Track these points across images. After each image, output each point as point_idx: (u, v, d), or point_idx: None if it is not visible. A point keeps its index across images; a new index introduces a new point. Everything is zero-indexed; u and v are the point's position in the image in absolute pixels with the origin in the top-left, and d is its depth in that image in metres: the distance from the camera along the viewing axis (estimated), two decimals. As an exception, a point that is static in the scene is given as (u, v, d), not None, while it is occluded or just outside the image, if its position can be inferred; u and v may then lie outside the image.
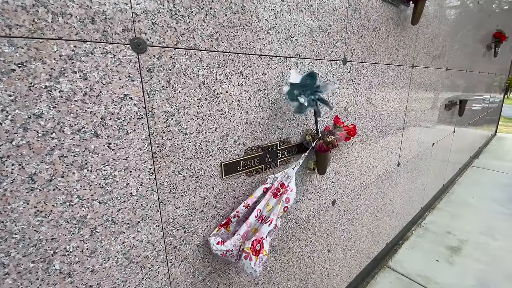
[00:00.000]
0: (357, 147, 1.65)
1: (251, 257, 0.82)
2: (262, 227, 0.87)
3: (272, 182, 1.00)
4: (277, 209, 0.91)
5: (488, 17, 3.68)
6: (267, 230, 0.87)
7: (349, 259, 1.90)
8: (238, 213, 0.93)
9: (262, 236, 0.85)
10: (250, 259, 0.82)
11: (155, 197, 0.79)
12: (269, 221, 0.88)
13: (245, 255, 0.84)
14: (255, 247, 0.83)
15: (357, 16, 1.35)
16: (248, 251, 0.83)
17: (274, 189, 0.97)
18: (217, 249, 0.85)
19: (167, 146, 0.78)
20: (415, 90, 2.18)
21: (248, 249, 0.83)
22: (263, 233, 0.86)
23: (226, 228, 0.92)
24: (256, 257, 0.82)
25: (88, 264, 0.71)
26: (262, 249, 0.84)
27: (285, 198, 0.94)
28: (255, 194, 0.97)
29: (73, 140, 0.62)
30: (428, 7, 1.99)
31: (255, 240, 0.84)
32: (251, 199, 0.95)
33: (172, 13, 0.72)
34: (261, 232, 0.86)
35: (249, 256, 0.83)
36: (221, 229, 0.92)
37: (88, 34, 0.61)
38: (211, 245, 0.87)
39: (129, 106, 0.69)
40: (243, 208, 0.94)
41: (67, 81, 0.60)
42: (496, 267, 2.34)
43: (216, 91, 0.86)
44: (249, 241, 0.85)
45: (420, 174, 2.79)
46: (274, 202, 0.94)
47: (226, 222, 0.93)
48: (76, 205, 0.66)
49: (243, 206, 0.94)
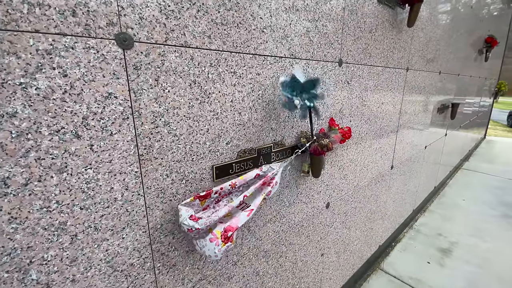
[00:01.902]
0: (351, 150, 1.63)
1: (219, 242, 0.76)
2: (240, 215, 0.82)
3: (266, 171, 0.95)
4: (258, 200, 0.86)
5: (480, 22, 3.74)
6: (244, 220, 0.81)
7: (342, 262, 1.88)
8: (222, 191, 0.86)
9: (237, 225, 0.80)
10: (217, 243, 0.76)
11: (141, 202, 0.75)
12: (248, 211, 0.83)
13: (212, 237, 0.77)
14: (227, 235, 0.77)
15: (353, 17, 1.33)
16: (217, 235, 0.77)
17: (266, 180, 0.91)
18: (187, 224, 0.74)
19: (155, 148, 0.74)
20: (409, 93, 2.18)
21: (218, 233, 0.77)
22: (239, 221, 0.80)
23: (202, 201, 0.83)
24: (223, 243, 0.77)
25: (68, 274, 0.66)
26: (232, 238, 0.79)
27: (268, 191, 0.89)
28: (246, 177, 0.90)
29: (51, 141, 0.58)
30: (423, 11, 1.99)
31: (229, 227, 0.78)
32: (240, 181, 0.88)
33: (162, 7, 0.68)
34: (238, 220, 0.80)
35: (216, 240, 0.76)
36: (195, 200, 0.82)
37: (69, 28, 0.56)
38: (182, 216, 0.76)
39: (114, 105, 0.65)
40: (228, 187, 0.86)
41: (45, 77, 0.55)
42: (486, 269, 2.37)
43: (208, 91, 0.82)
44: (221, 225, 0.79)
45: (413, 177, 2.80)
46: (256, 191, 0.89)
47: (205, 195, 0.83)
48: (54, 211, 0.61)
49: (229, 185, 0.86)
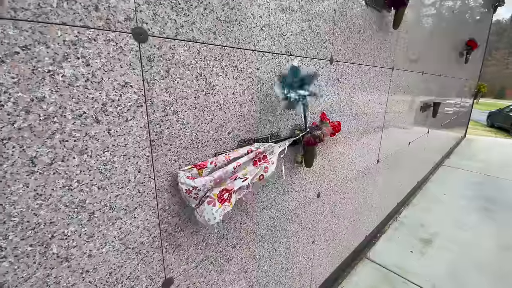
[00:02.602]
0: (340, 143, 1.73)
1: (216, 203, 0.80)
2: (236, 181, 0.86)
3: (258, 147, 1.01)
4: (254, 172, 0.91)
5: (461, 26, 3.95)
6: (239, 184, 0.86)
7: (331, 250, 1.99)
8: (217, 161, 0.90)
9: (234, 188, 0.84)
10: (214, 204, 0.79)
11: (152, 184, 0.81)
12: (244, 178, 0.88)
13: (209, 200, 0.80)
14: (223, 195, 0.81)
15: (343, 19, 1.43)
16: (214, 196, 0.80)
17: (258, 153, 0.96)
18: (184, 182, 0.78)
19: (165, 135, 0.80)
20: (394, 91, 2.31)
21: (214, 195, 0.81)
22: (235, 185, 0.85)
23: (199, 170, 0.86)
24: (220, 204, 0.80)
25: (86, 249, 0.72)
26: (229, 200, 0.82)
27: (264, 167, 0.95)
28: (239, 151, 0.95)
29: (74, 125, 0.63)
30: (408, 14, 2.12)
31: (224, 189, 0.82)
32: (234, 154, 0.93)
33: (173, 5, 0.75)
34: (233, 185, 0.85)
35: (213, 201, 0.79)
36: (193, 168, 0.86)
37: (92, 21, 0.62)
38: (180, 177, 0.80)
39: (129, 93, 0.71)
40: (223, 159, 0.91)
41: (70, 66, 0.61)
42: (464, 257, 2.54)
43: (212, 83, 0.89)
44: (217, 188, 0.83)
45: (397, 171, 2.95)
46: (252, 169, 0.95)
47: (201, 165, 0.87)
48: (75, 189, 0.66)
49: (224, 157, 0.92)
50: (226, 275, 1.15)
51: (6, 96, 0.54)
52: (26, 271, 0.63)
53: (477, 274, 2.31)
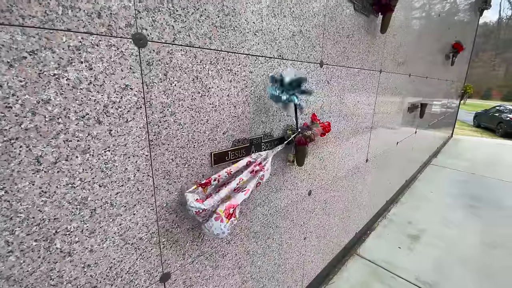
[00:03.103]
0: (331, 143, 1.80)
1: (223, 219, 0.88)
2: (237, 195, 0.94)
3: (256, 158, 1.07)
4: (253, 182, 0.99)
5: (447, 29, 4.09)
6: (242, 198, 0.94)
7: (322, 246, 2.05)
8: (220, 177, 0.97)
9: (237, 203, 0.92)
10: (221, 220, 0.88)
11: (150, 182, 0.85)
12: (245, 190, 0.96)
13: (217, 216, 0.88)
14: (229, 211, 0.89)
15: (333, 24, 1.49)
16: (220, 213, 0.88)
17: (256, 165, 1.03)
18: (194, 206, 0.85)
19: (163, 135, 0.84)
20: (382, 93, 2.39)
21: (221, 211, 0.88)
22: (238, 200, 0.93)
23: (204, 188, 0.94)
24: (227, 220, 0.88)
25: (87, 244, 0.75)
26: (234, 214, 0.90)
27: (260, 175, 1.03)
28: (239, 165, 1.02)
29: (77, 125, 0.67)
30: (395, 19, 2.20)
31: (229, 205, 0.90)
32: (234, 168, 1.00)
33: (171, 12, 0.79)
34: (236, 199, 0.93)
35: (220, 218, 0.88)
36: (198, 188, 0.93)
37: (95, 28, 0.66)
38: (189, 201, 0.86)
39: (130, 96, 0.74)
40: (225, 174, 0.98)
41: (74, 70, 0.64)
42: (450, 253, 2.65)
43: (208, 86, 0.93)
44: (223, 204, 0.90)
45: (386, 170, 3.05)
46: (250, 177, 1.02)
47: (206, 183, 0.94)
48: (78, 187, 0.70)
49: (226, 172, 0.98)
50: (221, 270, 1.20)
51: (14, 98, 0.57)
52: (31, 265, 0.66)
53: (462, 269, 2.42)
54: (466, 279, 2.30)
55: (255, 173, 1.04)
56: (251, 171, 1.03)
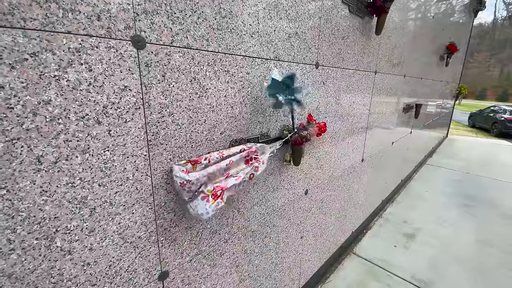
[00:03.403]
0: (327, 143, 1.82)
1: (209, 199, 0.86)
2: (229, 180, 0.93)
3: (250, 146, 1.08)
4: (246, 171, 0.99)
5: (442, 31, 4.15)
6: (232, 182, 0.93)
7: (319, 245, 2.08)
8: (211, 158, 0.95)
9: (226, 186, 0.91)
10: (207, 200, 0.85)
11: (149, 182, 0.86)
12: (237, 176, 0.95)
13: (203, 195, 0.86)
14: (216, 192, 0.87)
15: (328, 25, 1.52)
16: (208, 193, 0.87)
17: (250, 153, 1.03)
18: (179, 176, 0.84)
19: (161, 135, 0.86)
20: (377, 94, 2.42)
21: (208, 191, 0.87)
22: (228, 183, 0.92)
23: (193, 166, 0.92)
24: (214, 200, 0.86)
25: (87, 243, 0.76)
26: (221, 196, 0.89)
27: (255, 166, 1.03)
28: (232, 150, 1.02)
29: (77, 126, 0.68)
30: (389, 20, 2.24)
31: (218, 186, 0.89)
32: (227, 151, 1.00)
33: (169, 14, 0.80)
34: (227, 182, 0.92)
35: (207, 197, 0.85)
36: (188, 164, 0.91)
37: (94, 30, 0.67)
38: (175, 171, 0.85)
39: (129, 97, 0.76)
40: (216, 155, 0.96)
41: (74, 71, 0.66)
42: (445, 251, 2.68)
43: (205, 87, 0.95)
44: (211, 184, 0.89)
45: (382, 170, 3.08)
46: (244, 167, 1.02)
47: (196, 160, 0.92)
48: (78, 186, 0.71)
49: (217, 154, 0.98)
50: (219, 268, 1.21)
51: (15, 99, 0.59)
52: (32, 263, 0.67)
53: (457, 267, 2.45)
54: (461, 277, 2.33)
55: (250, 163, 1.04)
56: (246, 159, 1.03)
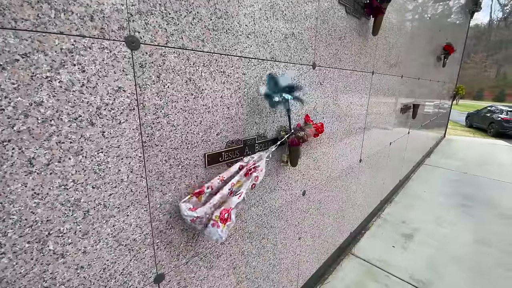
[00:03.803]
0: (324, 144, 1.82)
1: (219, 224, 0.90)
2: (231, 199, 0.96)
3: (247, 161, 1.09)
4: (246, 185, 1.01)
5: (438, 32, 4.17)
6: (236, 201, 0.95)
7: (317, 246, 2.07)
8: (212, 185, 0.98)
9: (231, 207, 0.94)
10: (218, 226, 0.90)
11: (144, 184, 0.85)
12: (239, 194, 0.97)
13: (213, 222, 0.90)
14: (224, 216, 0.91)
15: (325, 26, 1.52)
16: (216, 219, 0.90)
17: (248, 168, 1.05)
18: (188, 215, 0.88)
19: (156, 136, 0.85)
20: (375, 94, 2.43)
21: (216, 217, 0.91)
22: (232, 203, 0.95)
23: (198, 197, 0.95)
24: (223, 224, 0.91)
25: (80, 246, 0.75)
26: (229, 218, 0.93)
27: (254, 176, 1.04)
28: (231, 170, 1.03)
29: (70, 127, 0.67)
30: (386, 21, 2.24)
31: (223, 210, 0.92)
32: (227, 174, 1.02)
33: (163, 15, 0.80)
34: (230, 203, 0.95)
35: (216, 223, 0.90)
36: (193, 197, 0.94)
37: (87, 30, 0.66)
38: (182, 210, 0.89)
39: (123, 98, 0.75)
40: (217, 181, 1.00)
41: (67, 72, 0.65)
42: (444, 251, 2.69)
43: (201, 88, 0.94)
44: (218, 210, 0.92)
45: (380, 170, 3.08)
46: (244, 180, 1.03)
47: (199, 192, 0.95)
48: (71, 188, 0.70)
49: (218, 179, 1.00)
50: (216, 271, 1.20)
51: (6, 100, 0.58)
52: (24, 267, 0.66)
53: (455, 267, 2.45)
54: (459, 276, 2.33)
55: (249, 174, 1.05)
56: (245, 173, 1.04)
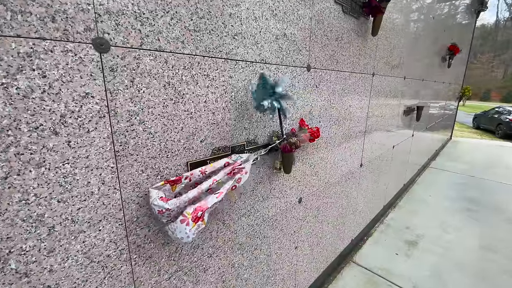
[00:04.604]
0: (321, 149, 1.75)
1: (189, 222, 0.79)
2: (209, 197, 0.86)
3: (235, 160, 1.01)
4: (227, 185, 0.91)
5: (443, 32, 4.07)
6: (213, 201, 0.85)
7: (316, 255, 1.99)
8: (192, 176, 0.89)
9: (207, 206, 0.83)
10: (187, 224, 0.79)
11: (117, 196, 0.79)
12: (218, 193, 0.87)
13: (183, 218, 0.79)
14: (196, 214, 0.80)
15: (320, 26, 1.45)
16: (187, 215, 0.79)
17: (233, 168, 0.97)
18: (157, 204, 0.78)
19: (131, 145, 0.79)
20: (376, 96, 2.35)
21: (188, 213, 0.80)
22: (208, 202, 0.84)
23: (172, 186, 0.86)
24: (194, 223, 0.79)
25: (46, 264, 0.69)
26: (202, 218, 0.82)
27: (237, 177, 0.95)
28: (215, 165, 0.95)
29: (30, 137, 0.62)
30: (387, 21, 2.17)
31: (198, 207, 0.82)
32: (210, 168, 0.93)
33: (137, 15, 0.74)
34: (207, 202, 0.84)
35: (186, 220, 0.79)
36: (166, 184, 0.85)
37: (48, 32, 0.61)
38: (152, 198, 0.79)
39: (91, 104, 0.70)
40: (198, 173, 0.90)
41: (25, 78, 0.60)
42: (448, 258, 2.58)
43: (181, 92, 0.89)
44: (191, 206, 0.82)
45: (382, 175, 2.99)
46: (225, 179, 0.95)
47: (175, 180, 0.87)
48: (32, 203, 0.65)
49: (199, 171, 0.91)
50: (203, 285, 1.14)
51: (-47, 109, 0.53)
52: (-22, 290, 0.60)
53: (460, 274, 2.35)
54: (463, 283, 2.23)
55: (232, 174, 0.97)
56: (229, 173, 0.97)
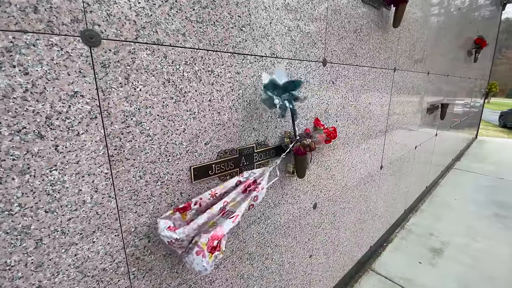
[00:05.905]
0: (338, 150, 1.62)
1: (205, 253, 0.72)
2: (224, 223, 0.78)
3: (248, 177, 0.93)
4: (243, 206, 0.82)
5: (469, 24, 3.79)
6: (229, 227, 0.77)
7: (332, 263, 1.87)
8: (201, 201, 0.83)
9: (223, 233, 0.75)
10: (204, 256, 0.72)
11: (113, 205, 0.72)
12: (233, 217, 0.79)
13: (198, 250, 0.72)
14: (212, 244, 0.73)
15: (337, 17, 1.33)
16: (202, 247, 0.72)
17: (247, 185, 0.89)
18: (165, 235, 0.73)
19: (127, 149, 0.72)
20: (397, 93, 2.18)
21: (203, 244, 0.73)
22: (224, 229, 0.76)
23: (182, 214, 0.80)
24: (211, 254, 0.72)
25: (34, 280, 0.63)
26: (219, 247, 0.75)
27: (254, 195, 0.86)
28: (226, 185, 0.87)
29: (12, 141, 0.56)
30: (409, 11, 2.01)
31: (213, 236, 0.74)
32: (220, 189, 0.86)
33: (131, 4, 0.67)
34: (222, 229, 0.76)
35: (202, 252, 0.72)
36: (176, 213, 0.80)
37: (30, 25, 0.54)
38: (160, 228, 0.74)
39: (80, 104, 0.63)
40: (208, 197, 0.84)
41: (4, 76, 0.53)
42: (477, 269, 2.37)
43: (183, 90, 0.80)
44: (205, 235, 0.74)
45: (403, 177, 2.80)
46: (241, 198, 0.86)
47: (184, 207, 0.81)
48: (16, 214, 0.58)
49: (209, 195, 0.84)
50: (209, 298, 1.06)
51: None
52: (-44, 311, 0.55)
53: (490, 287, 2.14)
54: (498, 301, 2.03)
55: (248, 192, 0.88)
56: (243, 190, 0.89)
